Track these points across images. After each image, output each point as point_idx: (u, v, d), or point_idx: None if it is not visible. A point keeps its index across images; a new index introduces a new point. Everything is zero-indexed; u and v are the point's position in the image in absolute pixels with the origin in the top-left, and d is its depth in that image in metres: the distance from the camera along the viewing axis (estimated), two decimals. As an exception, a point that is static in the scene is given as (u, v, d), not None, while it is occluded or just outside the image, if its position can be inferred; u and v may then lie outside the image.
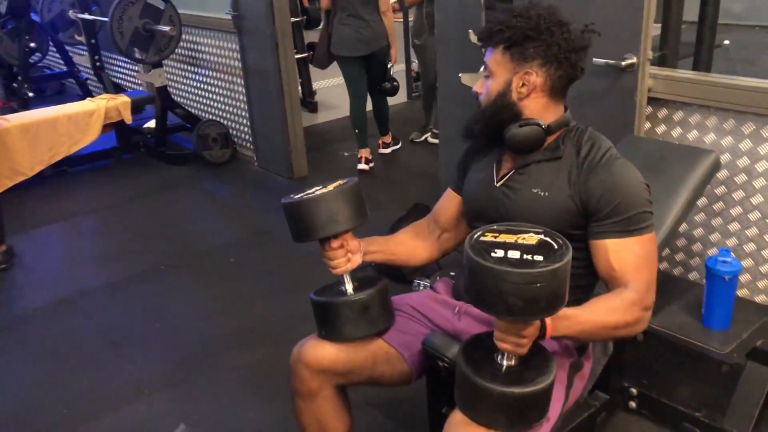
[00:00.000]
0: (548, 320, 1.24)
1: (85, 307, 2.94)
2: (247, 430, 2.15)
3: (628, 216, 1.38)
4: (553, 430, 1.48)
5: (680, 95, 2.19)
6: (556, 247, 1.17)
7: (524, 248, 1.17)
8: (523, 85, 1.44)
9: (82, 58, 5.10)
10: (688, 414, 1.95)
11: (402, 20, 6.20)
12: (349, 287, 1.56)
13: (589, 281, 1.51)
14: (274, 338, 2.59)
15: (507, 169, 1.54)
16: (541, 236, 1.21)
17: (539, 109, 1.46)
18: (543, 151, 1.48)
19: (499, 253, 1.16)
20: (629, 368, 2.06)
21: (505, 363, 1.25)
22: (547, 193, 1.44)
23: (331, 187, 1.55)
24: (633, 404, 2.07)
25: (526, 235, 1.21)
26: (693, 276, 2.33)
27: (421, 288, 2.75)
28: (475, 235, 1.22)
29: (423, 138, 4.91)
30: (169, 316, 2.83)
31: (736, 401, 1.91)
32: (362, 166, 4.37)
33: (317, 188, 1.57)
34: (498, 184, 1.53)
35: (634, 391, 2.06)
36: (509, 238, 1.20)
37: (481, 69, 1.53)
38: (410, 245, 1.73)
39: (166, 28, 4.07)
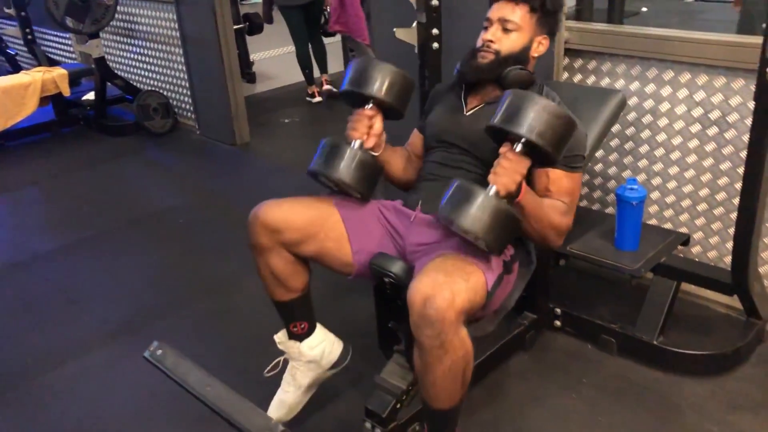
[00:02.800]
0: (524, 185, 1.57)
1: (38, 269, 3.00)
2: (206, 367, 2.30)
3: (570, 155, 1.71)
4: (484, 349, 1.72)
5: (593, 45, 2.42)
6: None
7: None
8: (539, 46, 1.87)
9: (9, 32, 5.02)
10: (605, 327, 2.21)
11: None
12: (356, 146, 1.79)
13: None
14: (226, 289, 2.73)
15: (477, 102, 1.88)
16: None
17: (531, 66, 1.89)
18: None
19: None
20: (553, 290, 2.31)
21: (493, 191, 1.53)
22: None
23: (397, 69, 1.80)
24: (557, 323, 2.31)
25: None
26: (609, 210, 2.59)
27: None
28: None
29: None
30: (124, 273, 2.93)
31: (644, 311, 2.17)
32: (317, 99, 5.17)
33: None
34: (467, 113, 1.87)
35: (558, 310, 2.30)
36: None
37: (494, 24, 1.85)
38: (403, 163, 2.01)
39: (103, -2, 4.08)
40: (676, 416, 1.95)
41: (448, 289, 1.43)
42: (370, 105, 1.80)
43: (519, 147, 1.53)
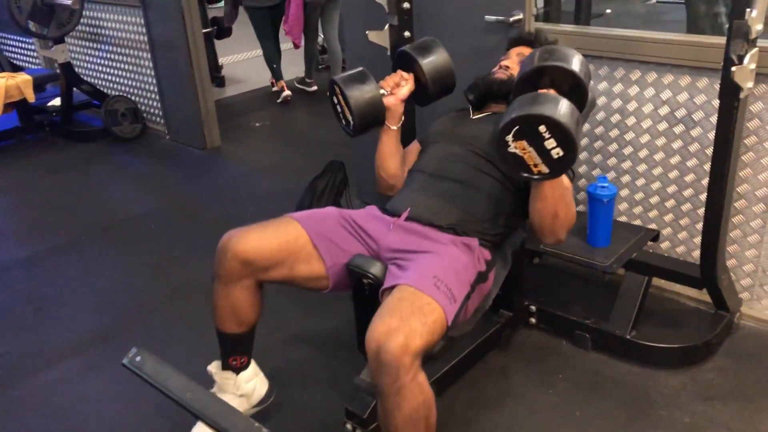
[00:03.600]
0: None
1: (5, 279, 2.94)
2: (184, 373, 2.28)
3: None
4: (462, 347, 1.78)
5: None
6: None
7: None
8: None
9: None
10: (580, 323, 2.24)
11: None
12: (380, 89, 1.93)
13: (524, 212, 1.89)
14: (199, 295, 2.70)
15: (485, 112, 2.06)
16: None
17: None
18: None
19: None
20: (528, 288, 2.34)
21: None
22: None
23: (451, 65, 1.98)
24: (533, 320, 2.35)
25: None
26: (580, 208, 2.63)
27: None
28: None
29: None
30: (95, 281, 2.89)
31: (617, 307, 2.22)
32: (286, 93, 5.25)
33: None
34: (473, 117, 2.05)
35: (533, 308, 2.33)
36: None
37: (512, 57, 2.12)
38: (399, 163, 2.08)
39: (68, 2, 4.01)
40: (650, 408, 1.99)
41: (402, 334, 1.42)
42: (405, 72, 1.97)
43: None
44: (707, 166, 2.23)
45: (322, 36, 6.28)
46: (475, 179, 1.88)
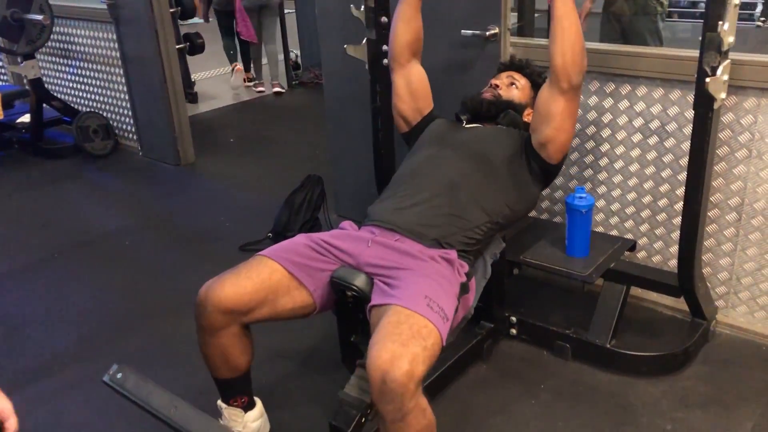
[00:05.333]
0: None
1: (-24, 299, 2.87)
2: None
3: None
4: (444, 360, 1.82)
5: (537, 60, 2.49)
6: None
7: None
8: (528, 114, 2.14)
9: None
10: (560, 333, 2.26)
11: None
12: None
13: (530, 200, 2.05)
14: (177, 311, 2.66)
15: (475, 124, 2.11)
16: None
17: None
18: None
19: None
20: (509, 299, 2.35)
21: None
22: (496, 135, 2.05)
23: None
24: (514, 331, 2.35)
25: None
26: (557, 219, 2.66)
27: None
28: None
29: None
30: (68, 299, 2.83)
31: (596, 316, 2.24)
32: (244, 76, 6.19)
33: None
34: (466, 126, 2.11)
35: (513, 319, 2.34)
36: None
37: (503, 78, 2.19)
38: (408, 36, 2.17)
39: (39, 17, 3.96)
40: (631, 416, 2.00)
41: (406, 361, 1.41)
42: None
43: None
44: (681, 176, 2.28)
45: (295, 52, 6.32)
46: (463, 183, 1.90)
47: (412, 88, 2.19)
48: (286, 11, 6.19)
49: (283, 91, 5.99)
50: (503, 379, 2.20)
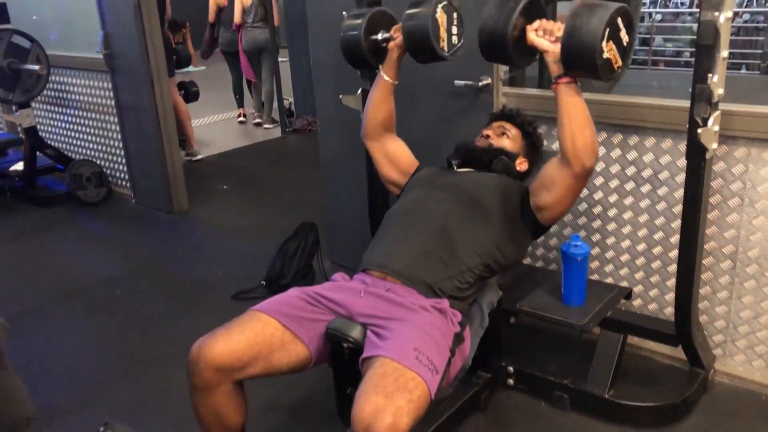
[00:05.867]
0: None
1: (-37, 350, 2.81)
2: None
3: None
4: (441, 412, 1.78)
5: (528, 109, 2.52)
6: None
7: None
8: (520, 163, 2.18)
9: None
10: (558, 383, 2.23)
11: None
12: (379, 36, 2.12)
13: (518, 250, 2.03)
14: (169, 362, 2.62)
15: (467, 169, 2.13)
16: None
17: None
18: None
19: None
20: (505, 348, 2.33)
21: None
22: (488, 180, 2.05)
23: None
24: (511, 381, 2.32)
25: None
26: (552, 267, 2.66)
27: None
28: None
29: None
30: (57, 350, 2.78)
31: (594, 366, 2.21)
32: (241, 119, 6.78)
33: None
34: (457, 170, 2.13)
35: (511, 369, 2.31)
36: None
37: (494, 129, 2.21)
38: (380, 118, 2.19)
39: (36, 67, 4.00)
40: (632, 469, 1.97)
41: (390, 413, 1.40)
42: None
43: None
44: (675, 224, 2.29)
45: (289, 100, 6.40)
46: (454, 224, 1.90)
47: (390, 157, 2.22)
48: (280, 60, 6.30)
49: (270, 127, 6.50)
50: (501, 430, 2.16)
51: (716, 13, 1.68)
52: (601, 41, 1.60)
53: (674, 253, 2.30)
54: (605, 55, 1.62)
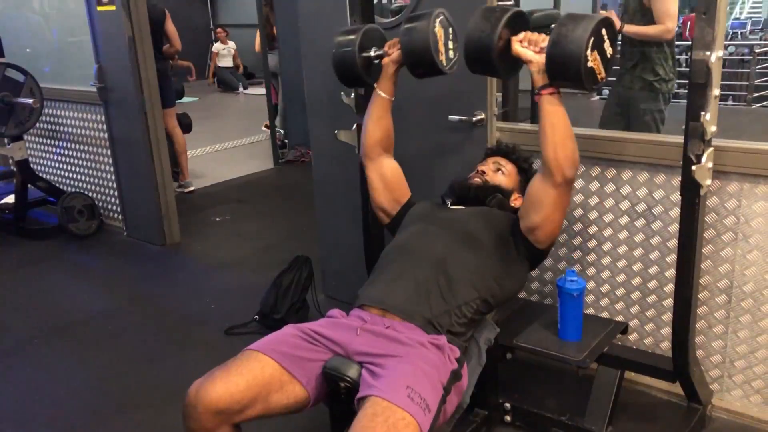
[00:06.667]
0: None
1: (-51, 388, 2.77)
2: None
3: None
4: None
5: (522, 144, 2.54)
6: None
7: None
8: (515, 199, 2.19)
9: None
10: (555, 419, 2.21)
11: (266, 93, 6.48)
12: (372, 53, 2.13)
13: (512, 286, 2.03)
14: (162, 399, 2.58)
15: (461, 206, 2.14)
16: None
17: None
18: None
19: None
20: (502, 384, 2.31)
21: None
22: (482, 214, 2.07)
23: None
24: (508, 417, 2.30)
25: None
26: (548, 301, 2.65)
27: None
28: None
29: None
30: (44, 389, 2.73)
31: (592, 402, 2.19)
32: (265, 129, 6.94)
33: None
34: (451, 207, 2.15)
35: (508, 405, 2.29)
36: None
37: (489, 164, 2.24)
38: (378, 137, 2.19)
39: (29, 101, 4.00)
40: None
41: None
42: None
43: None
44: (669, 258, 2.30)
45: (281, 131, 6.43)
46: (451, 259, 1.90)
47: (386, 180, 2.22)
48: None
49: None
50: (499, 469, 2.13)
51: (708, 53, 1.70)
52: (585, 49, 1.64)
53: (669, 287, 2.30)
54: (589, 64, 1.66)
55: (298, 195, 5.16)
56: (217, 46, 11.56)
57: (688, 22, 9.63)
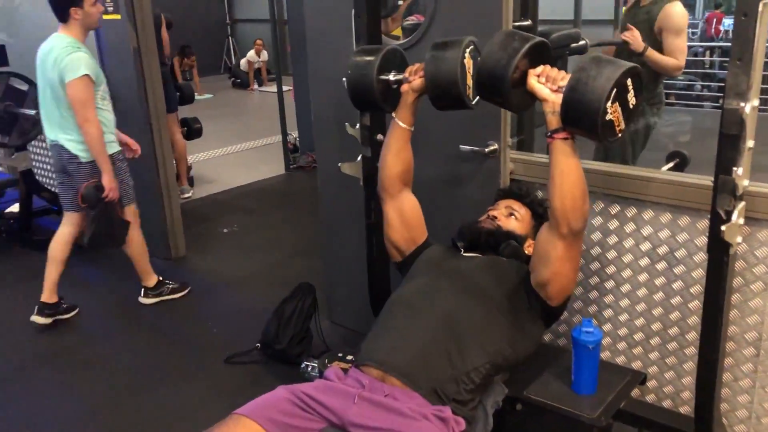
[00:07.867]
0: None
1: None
2: None
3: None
4: None
5: (537, 176, 2.40)
6: None
7: None
8: (529, 246, 2.03)
9: None
10: (567, 477, 2.08)
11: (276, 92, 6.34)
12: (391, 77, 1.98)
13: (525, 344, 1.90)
14: (171, 424, 2.54)
15: (474, 254, 2.00)
16: None
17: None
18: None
19: None
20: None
21: None
22: (495, 268, 1.93)
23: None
24: (517, 471, 2.18)
25: None
26: (561, 342, 2.52)
27: (309, 369, 2.77)
28: None
29: None
30: (41, 416, 2.66)
31: (607, 461, 2.06)
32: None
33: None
34: (464, 254, 2.00)
35: (517, 459, 2.17)
36: None
37: (501, 209, 2.11)
38: (397, 170, 2.06)
39: (32, 112, 3.92)
40: None
41: None
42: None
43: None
44: (692, 305, 2.15)
45: (293, 135, 6.30)
46: (461, 319, 1.78)
47: (405, 218, 2.09)
48: (284, 88, 6.16)
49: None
50: None
51: (742, 104, 1.54)
52: (606, 101, 1.49)
53: (692, 335, 2.16)
54: (608, 116, 1.51)
55: (309, 204, 5.03)
56: (251, 55, 11.42)
57: (714, 20, 9.39)
